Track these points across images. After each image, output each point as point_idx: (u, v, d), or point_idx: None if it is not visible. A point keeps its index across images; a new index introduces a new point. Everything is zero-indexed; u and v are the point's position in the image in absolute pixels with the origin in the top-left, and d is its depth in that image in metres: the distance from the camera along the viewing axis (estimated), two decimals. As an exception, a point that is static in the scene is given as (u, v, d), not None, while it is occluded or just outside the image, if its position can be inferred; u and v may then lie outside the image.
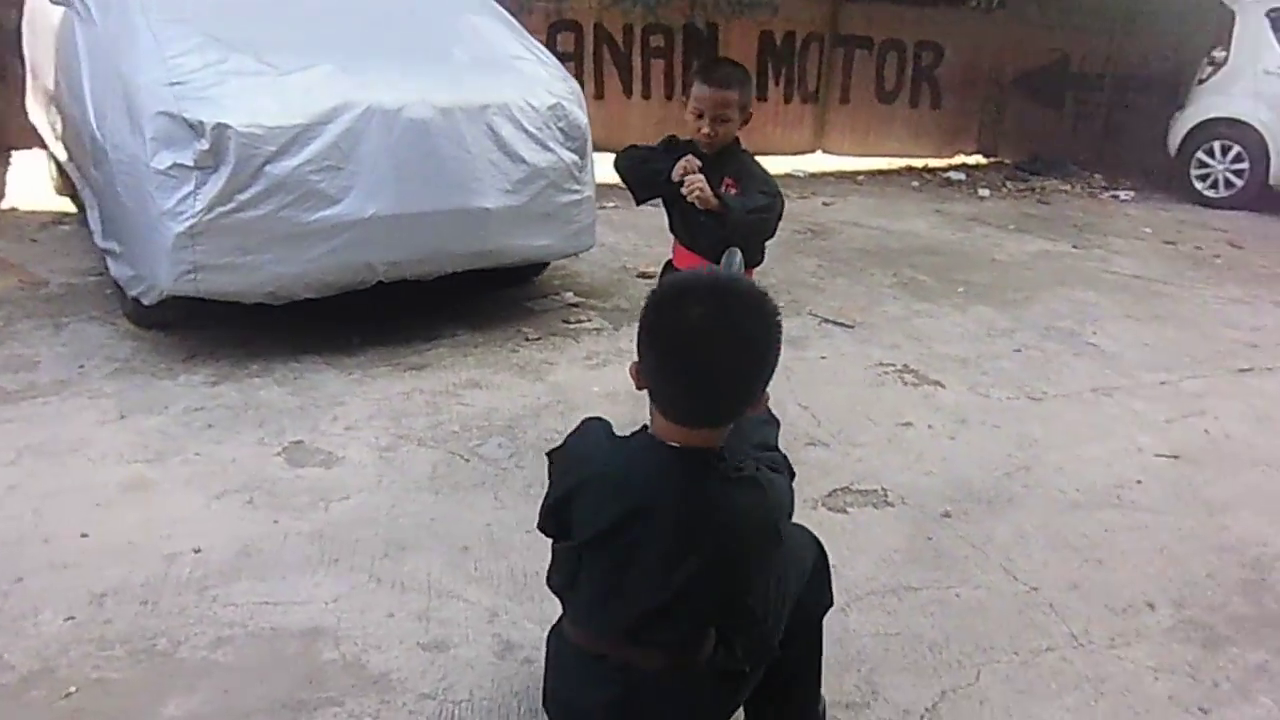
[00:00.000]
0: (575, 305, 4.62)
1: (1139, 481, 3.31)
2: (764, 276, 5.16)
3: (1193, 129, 8.19)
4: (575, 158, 4.12)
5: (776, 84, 8.52)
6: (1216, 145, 8.08)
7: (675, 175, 2.75)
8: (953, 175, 8.76)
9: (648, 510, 1.57)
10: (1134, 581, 2.74)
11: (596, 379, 3.82)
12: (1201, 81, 8.23)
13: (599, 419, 1.75)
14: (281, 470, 2.99)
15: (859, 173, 8.60)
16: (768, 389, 1.61)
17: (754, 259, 2.84)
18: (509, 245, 4.02)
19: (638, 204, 3.06)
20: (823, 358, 4.22)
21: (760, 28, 8.33)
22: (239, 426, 3.23)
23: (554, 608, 1.77)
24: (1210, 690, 2.34)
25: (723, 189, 2.76)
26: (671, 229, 3.03)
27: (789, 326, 3.39)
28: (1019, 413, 3.80)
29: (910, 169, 8.95)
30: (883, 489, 3.13)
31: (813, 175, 8.40)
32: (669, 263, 3.07)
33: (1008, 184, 8.65)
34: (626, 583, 1.61)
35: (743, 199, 2.74)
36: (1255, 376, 4.36)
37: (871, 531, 2.91)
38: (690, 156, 2.76)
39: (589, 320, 4.44)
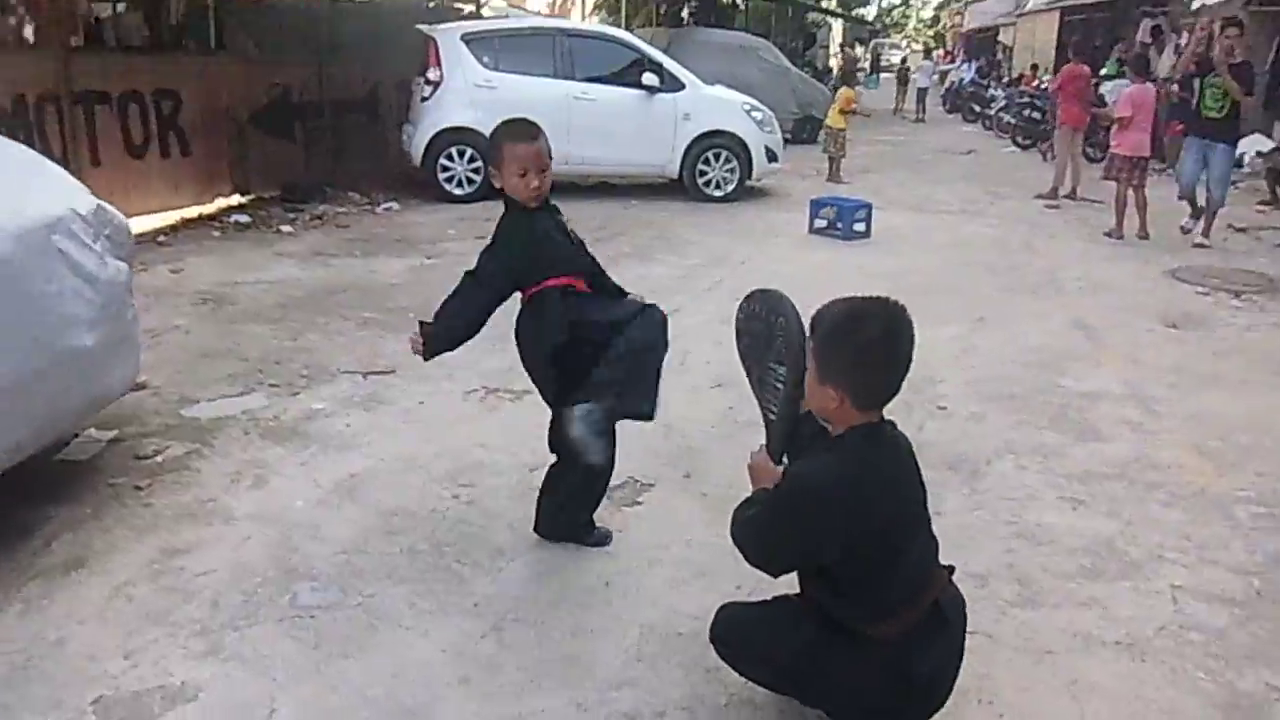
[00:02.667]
0: (117, 440, 3.81)
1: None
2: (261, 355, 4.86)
3: (431, 139, 9.46)
4: (126, 266, 3.45)
5: (13, 154, 7.33)
6: (454, 150, 9.49)
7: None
8: (240, 218, 8.64)
9: (900, 473, 2.06)
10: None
11: (284, 494, 3.42)
12: (425, 99, 9.51)
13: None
14: (149, 731, 2.24)
15: (156, 232, 7.96)
16: None
17: None
18: (110, 384, 3.27)
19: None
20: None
21: (-27, 95, 7.05)
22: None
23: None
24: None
25: None
26: None
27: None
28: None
29: (200, 219, 8.56)
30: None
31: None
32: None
33: (298, 218, 8.84)
34: (913, 541, 2.04)
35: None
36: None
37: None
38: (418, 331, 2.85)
39: (164, 448, 3.74)
